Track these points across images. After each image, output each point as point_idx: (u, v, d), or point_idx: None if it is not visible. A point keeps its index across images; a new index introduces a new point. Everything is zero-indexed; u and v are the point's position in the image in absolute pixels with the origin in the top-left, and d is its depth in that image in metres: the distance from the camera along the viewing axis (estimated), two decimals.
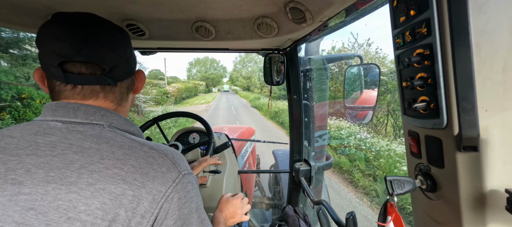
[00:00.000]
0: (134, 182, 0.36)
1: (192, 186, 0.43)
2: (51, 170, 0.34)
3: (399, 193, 0.41)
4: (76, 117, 0.41)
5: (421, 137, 0.43)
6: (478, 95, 0.34)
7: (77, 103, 0.42)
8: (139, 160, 0.38)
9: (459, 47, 0.33)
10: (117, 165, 0.36)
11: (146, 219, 0.35)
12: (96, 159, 0.36)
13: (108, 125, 0.43)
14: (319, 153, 1.49)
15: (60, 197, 0.33)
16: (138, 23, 0.83)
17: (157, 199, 0.37)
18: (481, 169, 0.35)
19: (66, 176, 0.34)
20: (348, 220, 0.75)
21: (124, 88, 0.48)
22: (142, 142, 0.42)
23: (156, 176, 0.38)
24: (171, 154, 0.42)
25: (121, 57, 0.45)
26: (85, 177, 0.34)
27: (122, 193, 0.35)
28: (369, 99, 1.05)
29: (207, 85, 60.13)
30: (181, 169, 0.42)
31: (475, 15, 0.33)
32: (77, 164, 0.35)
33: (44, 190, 0.33)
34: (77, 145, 0.37)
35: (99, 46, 0.42)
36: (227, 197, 0.77)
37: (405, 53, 0.42)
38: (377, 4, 0.59)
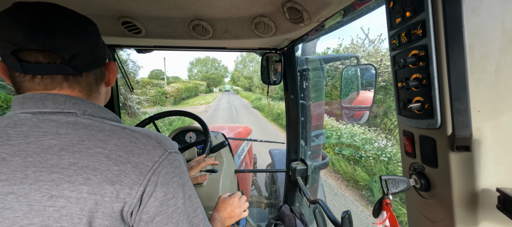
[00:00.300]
0: (119, 158, 0.36)
1: (179, 163, 0.43)
2: (29, 155, 0.34)
3: (394, 192, 0.41)
4: (45, 107, 0.39)
5: (416, 137, 0.43)
6: (471, 96, 0.34)
7: (44, 93, 0.40)
8: (122, 140, 0.38)
9: (453, 49, 0.34)
10: (99, 145, 0.36)
11: (134, 190, 0.36)
12: (76, 141, 0.36)
13: (82, 113, 0.41)
14: (316, 153, 1.50)
15: (42, 178, 0.33)
16: (134, 20, 0.82)
17: (144, 172, 0.37)
18: (473, 168, 0.36)
19: (46, 159, 0.34)
20: (344, 219, 0.76)
21: (91, 79, 0.45)
22: (123, 126, 0.42)
23: (141, 152, 0.38)
24: (155, 135, 0.43)
25: (83, 46, 0.42)
26: (67, 157, 0.34)
27: (107, 169, 0.35)
28: (365, 99, 1.06)
29: (208, 85, 58.77)
30: (166, 147, 0.42)
31: (469, 17, 0.33)
32: (56, 148, 0.35)
33: (23, 174, 0.33)
34: (53, 132, 0.36)
35: (57, 33, 0.39)
36: (225, 197, 0.77)
37: (400, 54, 0.43)
38: (373, 5, 0.59)
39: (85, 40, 0.43)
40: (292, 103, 1.31)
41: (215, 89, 58.05)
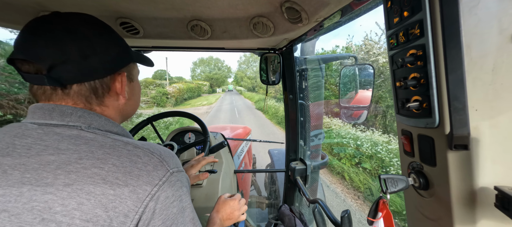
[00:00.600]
0: (116, 181, 0.34)
1: (181, 184, 0.41)
2: (27, 171, 0.33)
3: (393, 191, 0.41)
4: (51, 119, 0.39)
5: (414, 136, 0.44)
6: (469, 95, 0.35)
7: (52, 105, 0.40)
8: (122, 159, 0.36)
9: (450, 48, 0.34)
10: (96, 165, 0.34)
11: (129, 218, 0.34)
12: (74, 159, 0.34)
13: (86, 126, 0.40)
14: (315, 152, 1.50)
15: (35, 198, 0.32)
16: (132, 21, 0.82)
17: (142, 197, 0.35)
18: (471, 167, 0.36)
19: (42, 177, 0.33)
20: (343, 218, 0.76)
21: (86, 92, 0.41)
22: (126, 141, 0.40)
23: (140, 174, 0.36)
24: (158, 152, 0.40)
25: (69, 55, 0.38)
26: (62, 178, 0.33)
27: (102, 193, 0.33)
28: (363, 99, 1.06)
29: (211, 85, 57.89)
30: (169, 166, 0.40)
31: (466, 16, 0.34)
32: (53, 165, 0.34)
33: (19, 192, 0.32)
34: (53, 146, 0.36)
35: (40, 42, 0.37)
36: (225, 198, 0.77)
37: (398, 54, 0.43)
38: (371, 5, 0.60)
39: (75, 49, 0.39)
40: (291, 103, 1.31)
41: (218, 90, 56.81)
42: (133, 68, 0.52)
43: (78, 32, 0.40)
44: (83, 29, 0.40)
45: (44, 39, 0.37)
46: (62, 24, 0.39)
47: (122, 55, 0.46)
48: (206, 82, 51.10)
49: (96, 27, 0.43)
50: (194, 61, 73.69)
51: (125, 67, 0.47)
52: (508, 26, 0.34)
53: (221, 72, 66.94)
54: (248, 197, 2.26)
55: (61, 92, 0.41)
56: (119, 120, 0.50)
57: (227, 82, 69.04)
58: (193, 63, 69.19)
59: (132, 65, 0.50)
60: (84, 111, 0.41)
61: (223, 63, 70.07)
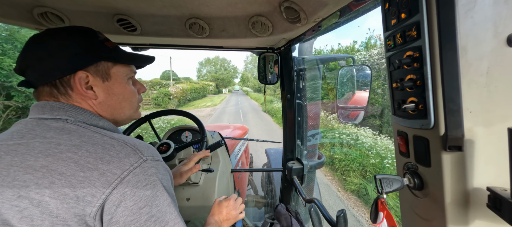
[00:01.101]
0: (87, 164, 0.38)
1: (156, 170, 0.43)
2: (16, 155, 0.38)
3: (388, 191, 0.42)
4: (43, 113, 0.45)
5: (410, 137, 0.44)
6: (463, 97, 0.35)
7: (44, 102, 0.46)
8: (96, 146, 0.40)
9: (446, 50, 0.34)
10: (71, 150, 0.38)
11: (96, 198, 0.37)
12: (53, 145, 0.39)
13: (72, 120, 0.45)
14: (311, 152, 1.51)
15: (18, 177, 0.36)
16: (130, 18, 0.81)
17: (110, 180, 0.38)
18: (465, 168, 0.37)
19: (25, 159, 0.37)
20: (339, 217, 0.77)
21: (49, 89, 0.47)
22: (104, 133, 0.44)
23: (111, 160, 0.39)
24: (132, 143, 0.43)
25: (29, 60, 0.46)
26: (41, 160, 0.37)
27: (73, 174, 0.37)
28: (360, 100, 1.07)
29: (217, 86, 56.01)
30: (142, 155, 0.42)
31: (462, 19, 0.34)
32: (36, 150, 0.38)
33: (7, 172, 0.37)
34: (41, 135, 0.41)
35: (22, 53, 0.47)
36: (220, 200, 0.76)
37: (395, 55, 0.43)
38: (369, 6, 0.60)
39: (30, 54, 0.46)
40: (289, 103, 1.31)
41: (224, 90, 54.82)
42: (109, 68, 0.51)
43: (42, 40, 0.46)
44: (47, 37, 0.47)
45: (23, 50, 0.46)
46: (37, 37, 0.47)
47: (81, 56, 0.48)
48: (212, 83, 48.61)
49: (60, 34, 0.47)
50: (200, 61, 69.40)
51: (89, 67, 0.48)
52: (503, 29, 0.34)
53: (227, 72, 64.48)
54: (245, 196, 2.26)
55: (42, 90, 0.47)
56: (108, 117, 0.53)
57: (234, 83, 66.71)
58: (199, 63, 65.96)
59: (105, 64, 0.50)
60: (70, 106, 0.46)
61: (229, 63, 67.07)
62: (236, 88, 59.15)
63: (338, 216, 0.77)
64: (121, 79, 0.54)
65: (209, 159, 1.43)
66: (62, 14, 0.76)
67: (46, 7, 0.73)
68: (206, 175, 1.33)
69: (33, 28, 0.85)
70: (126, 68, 0.55)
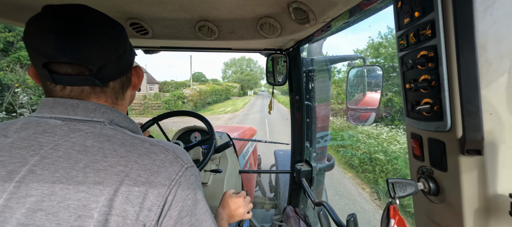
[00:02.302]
0: (139, 178, 0.36)
1: (195, 178, 0.43)
2: (57, 170, 0.34)
3: (401, 195, 0.40)
4: (75, 114, 0.40)
5: (424, 140, 0.42)
6: (483, 98, 0.33)
7: (76, 100, 0.41)
8: (142, 157, 0.38)
9: (464, 49, 0.33)
10: (121, 163, 0.37)
11: (152, 212, 0.36)
12: (100, 157, 0.36)
13: (109, 122, 0.42)
14: (321, 154, 1.48)
15: (69, 196, 0.33)
16: (142, 21, 0.84)
17: (162, 192, 0.37)
18: (485, 172, 0.35)
19: (72, 176, 0.34)
20: (349, 222, 0.75)
21: (117, 87, 0.46)
22: (143, 139, 0.42)
23: (159, 170, 0.38)
24: (172, 149, 0.43)
25: (111, 56, 0.42)
26: (92, 176, 0.34)
27: (129, 190, 0.35)
28: (372, 101, 1.04)
29: (242, 87, 52.03)
30: (183, 162, 0.42)
31: (481, 17, 0.32)
32: (81, 163, 0.35)
33: (51, 191, 0.33)
34: (80, 143, 0.37)
35: (85, 44, 0.39)
36: (230, 194, 0.77)
37: (409, 55, 0.42)
38: (381, 5, 0.59)
39: (113, 50, 0.42)
40: (297, 104, 1.30)
41: (249, 92, 51.86)
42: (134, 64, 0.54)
43: (110, 33, 0.42)
44: (110, 30, 0.43)
45: (87, 42, 0.39)
46: (94, 25, 0.40)
47: (132, 52, 0.49)
48: (236, 84, 44.38)
49: (116, 26, 0.45)
50: (225, 62, 64.02)
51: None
52: None
53: (253, 73, 60.57)
54: (253, 197, 2.26)
55: (100, 90, 0.43)
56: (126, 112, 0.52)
57: (260, 85, 63.51)
58: (224, 64, 62.51)
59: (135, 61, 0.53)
60: (106, 107, 0.43)
61: (255, 64, 62.70)
62: (262, 89, 56.65)
63: (348, 220, 0.75)
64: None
65: (217, 160, 1.44)
66: None
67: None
68: (214, 175, 1.34)
69: None
70: None
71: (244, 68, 60.99)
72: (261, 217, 2.42)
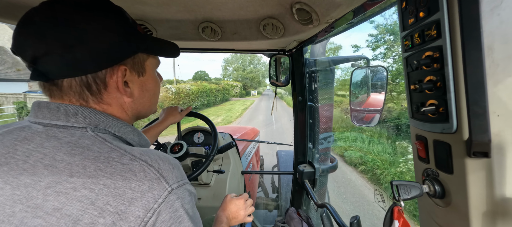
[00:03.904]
0: (106, 207, 0.30)
1: (182, 201, 0.35)
2: (18, 187, 0.30)
3: (406, 198, 0.40)
4: (56, 119, 0.36)
5: (429, 142, 0.42)
6: (490, 100, 0.33)
7: (57, 104, 0.36)
8: (114, 177, 0.32)
9: (470, 50, 0.32)
10: (86, 185, 0.31)
11: None
12: (64, 176, 0.31)
13: (93, 128, 0.37)
14: (324, 155, 1.47)
15: (26, 221, 0.29)
16: (146, 23, 0.85)
17: (134, 226, 0.31)
18: (492, 175, 0.34)
19: (32, 196, 0.30)
20: (352, 224, 0.74)
21: (77, 87, 0.37)
22: (124, 150, 0.35)
23: (133, 197, 0.31)
24: (156, 164, 0.35)
25: (50, 46, 0.34)
26: (51, 200, 0.30)
27: (91, 222, 0.29)
28: (376, 102, 1.03)
29: (245, 87, 45.92)
30: (167, 183, 0.34)
31: (488, 17, 0.32)
32: (44, 182, 0.31)
33: (11, 211, 0.29)
34: (50, 156, 0.32)
35: (22, 32, 0.34)
36: (231, 197, 0.76)
37: (413, 56, 0.42)
38: (385, 5, 0.58)
39: (56, 38, 0.34)
40: (300, 105, 1.30)
41: (252, 93, 44.84)
42: (144, 60, 0.44)
43: (61, 18, 0.34)
44: (68, 15, 0.34)
45: (26, 30, 0.34)
46: (45, 12, 0.34)
47: (120, 45, 0.38)
48: (238, 83, 38.12)
49: (87, 11, 0.36)
50: (225, 58, 55.12)
51: (127, 59, 0.40)
52: None
53: (257, 71, 52.11)
54: (255, 198, 2.26)
55: (56, 89, 0.37)
56: (131, 119, 0.45)
57: (264, 84, 55.37)
58: (224, 60, 53.86)
59: (141, 56, 0.43)
60: (90, 111, 0.37)
61: (260, 60, 53.30)
62: (267, 89, 51.15)
63: (352, 223, 0.75)
64: (153, 73, 0.47)
65: (220, 160, 1.44)
66: None
67: None
68: (217, 176, 1.34)
69: None
70: (156, 59, 0.48)
71: (247, 65, 52.52)
72: (263, 218, 2.41)
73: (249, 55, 51.57)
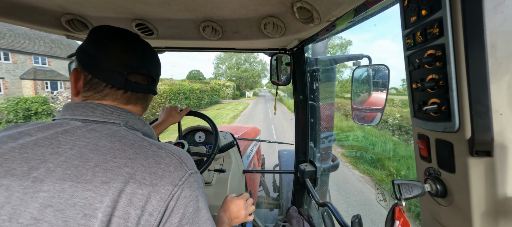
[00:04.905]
0: (143, 181, 0.37)
1: (198, 185, 0.44)
2: (68, 168, 0.35)
3: (407, 197, 0.40)
4: (94, 116, 0.44)
5: (431, 140, 0.42)
6: (493, 98, 0.32)
7: (95, 103, 0.45)
8: (148, 159, 0.39)
9: (473, 48, 0.32)
10: (128, 164, 0.38)
11: (153, 217, 0.36)
12: (109, 157, 0.37)
13: (124, 124, 0.45)
14: (325, 154, 1.47)
15: (77, 194, 0.34)
16: (147, 22, 0.85)
17: (164, 197, 0.38)
18: (495, 174, 0.34)
19: (82, 174, 0.35)
20: (354, 223, 0.74)
21: (143, 97, 0.54)
22: (151, 142, 0.44)
23: (163, 174, 0.39)
24: (178, 153, 0.44)
25: (159, 69, 0.55)
26: (100, 175, 0.35)
27: (132, 192, 0.36)
28: (377, 101, 1.03)
29: (239, 87, 42.21)
30: (187, 167, 0.43)
31: (491, 15, 0.32)
32: (92, 162, 0.36)
33: (61, 188, 0.34)
34: (93, 143, 0.39)
35: (153, 62, 0.53)
36: (232, 197, 0.76)
37: (415, 54, 0.41)
38: (387, 3, 0.58)
39: (158, 67, 0.55)
40: (301, 104, 1.30)
41: (248, 93, 41.03)
42: None
43: (154, 53, 0.54)
44: (154, 52, 0.54)
45: (154, 61, 0.53)
46: (146, 45, 0.53)
47: None
48: (230, 83, 33.85)
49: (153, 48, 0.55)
50: (218, 55, 46.27)
51: None
52: None
53: (253, 70, 46.39)
54: (257, 197, 2.26)
55: (112, 92, 0.48)
56: None
57: (261, 84, 50.99)
58: (216, 57, 46.70)
59: None
60: (122, 110, 0.47)
61: (256, 58, 47.11)
62: (264, 89, 46.29)
63: (353, 222, 0.74)
64: None
65: (221, 159, 1.44)
66: (86, 20, 0.82)
67: (72, 15, 0.79)
68: (218, 175, 1.35)
69: (61, 34, 0.91)
70: None
71: (242, 62, 46.40)
72: (264, 217, 2.42)
73: (242, 55, 46.90)
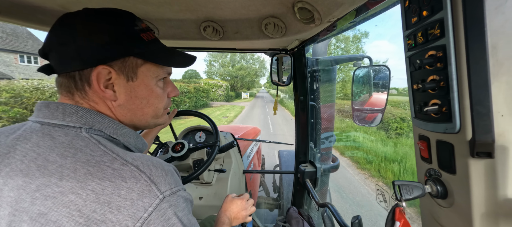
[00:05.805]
0: (93, 214, 0.29)
1: (175, 209, 0.34)
2: (12, 189, 0.31)
3: (408, 198, 0.40)
4: (54, 118, 0.37)
5: (432, 141, 0.42)
6: (494, 99, 0.32)
7: (58, 103, 0.38)
8: (104, 183, 0.31)
9: (474, 49, 0.32)
10: (75, 190, 0.30)
11: None
12: (54, 179, 0.30)
13: (87, 129, 0.37)
14: (325, 155, 1.47)
15: (14, 225, 0.29)
16: (148, 22, 0.85)
17: None
18: (496, 176, 0.34)
19: (21, 199, 0.30)
20: (354, 224, 0.74)
21: (66, 82, 0.39)
22: (117, 154, 0.35)
23: (122, 205, 0.30)
24: (148, 170, 0.34)
25: (53, 41, 0.39)
26: (38, 204, 0.29)
27: None
28: (378, 102, 1.03)
29: (234, 87, 37.71)
30: (159, 190, 0.33)
31: (492, 15, 0.31)
32: (34, 184, 0.31)
33: (3, 214, 0.30)
34: (43, 157, 0.32)
35: (50, 31, 0.40)
36: (232, 197, 0.77)
37: (416, 55, 0.41)
38: (388, 4, 0.58)
39: (55, 36, 0.39)
40: (302, 105, 1.30)
41: (244, 95, 35.54)
42: (138, 65, 0.42)
43: (65, 21, 0.39)
44: (72, 19, 0.39)
45: (50, 30, 0.40)
46: (67, 17, 0.40)
47: (108, 47, 0.39)
48: (223, 83, 28.26)
49: (91, 17, 0.39)
50: (210, 52, 23.29)
51: (116, 61, 0.40)
52: None
53: (249, 68, 41.62)
54: (257, 197, 2.26)
55: (57, 86, 0.41)
56: (127, 122, 0.45)
57: (259, 84, 45.80)
58: (208, 54, 39.08)
59: (133, 60, 0.42)
60: (86, 111, 0.38)
61: (253, 55, 41.60)
62: (263, 89, 41.34)
63: (353, 222, 0.74)
64: (149, 81, 0.44)
65: (221, 159, 1.44)
66: None
67: None
68: (218, 175, 1.35)
69: None
70: (158, 67, 0.45)
71: (237, 60, 41.38)
72: (264, 218, 2.41)
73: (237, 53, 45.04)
